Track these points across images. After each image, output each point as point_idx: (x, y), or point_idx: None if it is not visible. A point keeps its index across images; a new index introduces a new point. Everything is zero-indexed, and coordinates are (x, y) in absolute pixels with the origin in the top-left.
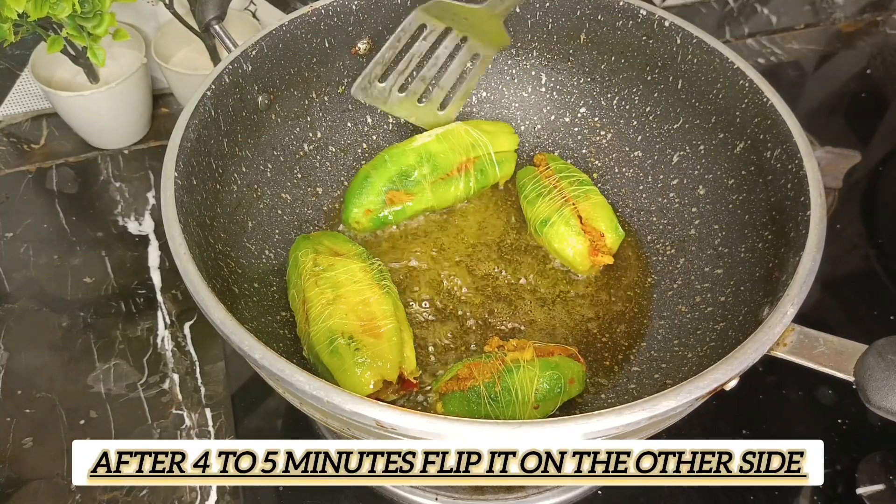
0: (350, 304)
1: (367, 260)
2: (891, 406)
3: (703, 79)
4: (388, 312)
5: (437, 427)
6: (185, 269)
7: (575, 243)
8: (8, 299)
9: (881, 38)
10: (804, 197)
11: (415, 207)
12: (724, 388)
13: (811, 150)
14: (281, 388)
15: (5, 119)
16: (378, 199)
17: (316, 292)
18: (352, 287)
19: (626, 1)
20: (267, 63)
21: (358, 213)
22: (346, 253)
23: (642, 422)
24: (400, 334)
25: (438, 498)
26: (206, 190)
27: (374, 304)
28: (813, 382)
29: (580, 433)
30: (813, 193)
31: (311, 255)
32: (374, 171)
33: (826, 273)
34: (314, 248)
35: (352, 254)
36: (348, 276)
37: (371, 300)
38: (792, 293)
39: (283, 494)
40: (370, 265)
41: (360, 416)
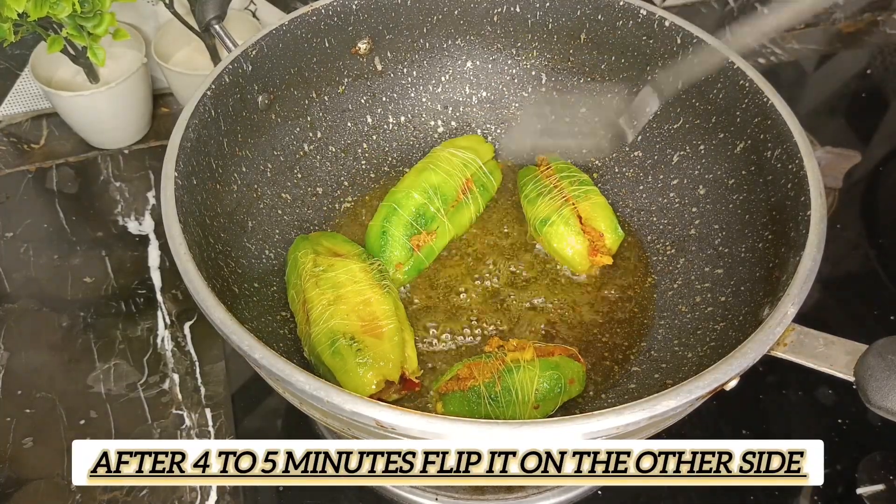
0: (351, 305)
1: (367, 260)
2: (891, 406)
3: (704, 79)
4: (389, 312)
5: (437, 427)
6: (185, 268)
7: (574, 243)
8: (8, 299)
9: (881, 38)
10: (804, 197)
11: (440, 243)
12: (724, 388)
13: (811, 150)
14: (281, 388)
15: (5, 119)
16: (404, 250)
17: (316, 293)
18: (352, 287)
19: (627, 1)
20: (267, 63)
21: (390, 271)
22: (346, 253)
23: (642, 422)
24: (401, 334)
25: (438, 498)
26: (206, 190)
27: (374, 304)
28: (813, 382)
29: (580, 433)
30: (813, 193)
31: (310, 255)
32: (390, 224)
33: (826, 273)
34: (313, 249)
35: (352, 254)
36: (348, 277)
37: (372, 300)
38: (792, 293)
39: (283, 494)
40: (370, 265)
41: (360, 416)
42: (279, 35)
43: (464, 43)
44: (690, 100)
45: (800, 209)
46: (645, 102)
